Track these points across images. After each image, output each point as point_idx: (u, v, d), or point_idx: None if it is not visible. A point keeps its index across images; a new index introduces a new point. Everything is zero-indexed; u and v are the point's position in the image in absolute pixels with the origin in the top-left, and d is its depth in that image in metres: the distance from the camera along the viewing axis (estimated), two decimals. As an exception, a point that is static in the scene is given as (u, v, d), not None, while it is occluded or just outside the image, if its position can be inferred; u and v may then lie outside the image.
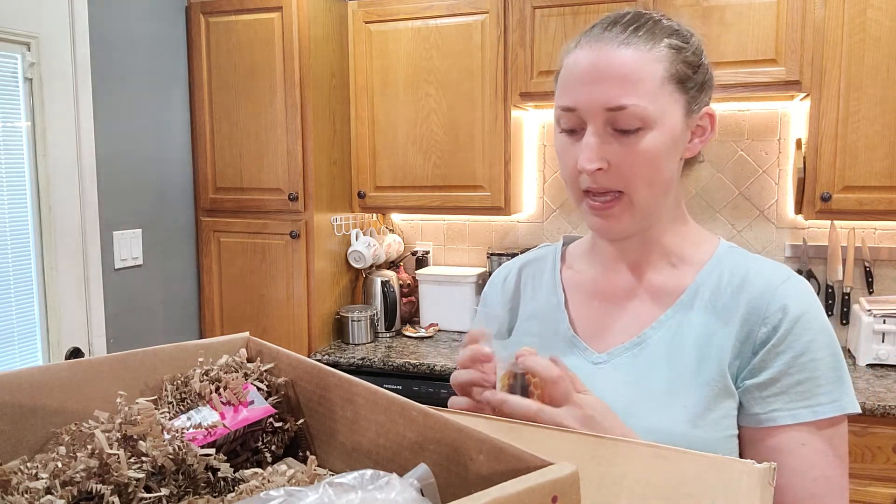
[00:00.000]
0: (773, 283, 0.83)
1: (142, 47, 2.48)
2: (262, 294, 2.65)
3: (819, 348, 0.80)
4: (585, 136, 0.81)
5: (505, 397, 0.72)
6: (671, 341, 0.86)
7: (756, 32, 2.23)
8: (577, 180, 0.84)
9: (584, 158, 0.80)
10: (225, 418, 0.64)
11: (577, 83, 0.81)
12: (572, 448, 0.58)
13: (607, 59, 0.80)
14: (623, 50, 0.80)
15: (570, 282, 0.97)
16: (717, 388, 0.82)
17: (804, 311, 0.81)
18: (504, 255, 2.73)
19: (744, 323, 0.83)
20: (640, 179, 0.81)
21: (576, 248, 1.01)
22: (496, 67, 2.51)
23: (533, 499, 0.40)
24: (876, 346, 2.26)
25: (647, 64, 0.80)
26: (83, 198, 2.25)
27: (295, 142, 2.55)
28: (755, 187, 2.61)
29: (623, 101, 0.79)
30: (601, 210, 0.83)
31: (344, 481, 0.43)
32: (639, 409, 0.83)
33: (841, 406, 0.79)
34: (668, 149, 0.82)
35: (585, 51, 0.82)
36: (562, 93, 0.84)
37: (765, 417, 0.80)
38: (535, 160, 2.84)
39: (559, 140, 0.86)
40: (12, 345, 2.09)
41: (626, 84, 0.79)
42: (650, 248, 0.91)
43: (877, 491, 2.00)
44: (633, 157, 0.80)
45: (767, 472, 0.52)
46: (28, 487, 0.51)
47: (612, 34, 0.82)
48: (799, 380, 0.80)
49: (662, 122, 0.81)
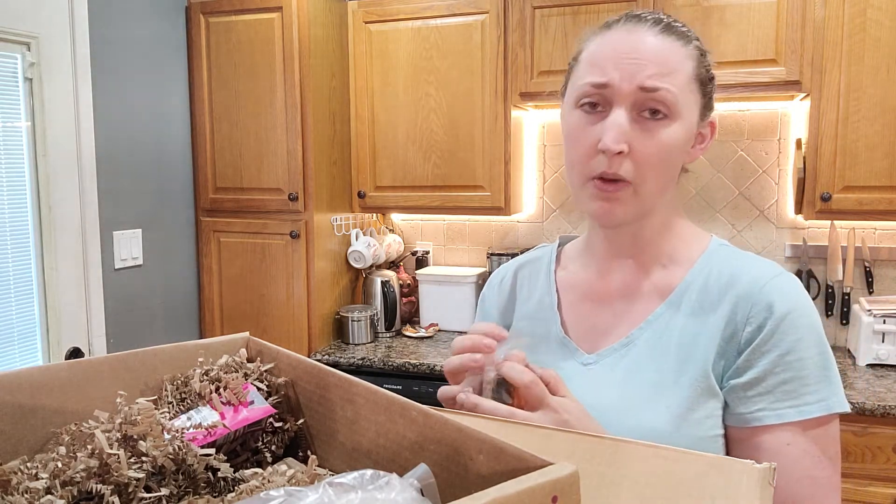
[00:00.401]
0: (759, 281, 0.83)
1: (142, 47, 2.48)
2: (262, 294, 2.65)
3: (806, 347, 0.79)
4: (612, 115, 0.80)
5: (477, 400, 0.72)
6: (657, 341, 0.86)
7: (756, 32, 2.23)
8: (588, 161, 0.82)
9: (611, 138, 0.79)
10: (225, 418, 0.64)
11: (614, 60, 0.81)
12: (572, 448, 0.58)
13: (647, 43, 0.81)
14: (662, 38, 0.81)
15: (563, 283, 0.98)
16: (700, 388, 0.81)
17: (791, 309, 0.80)
18: (504, 255, 2.73)
19: (728, 322, 0.82)
20: (651, 170, 0.81)
21: (571, 249, 1.01)
22: (496, 67, 2.51)
23: (533, 499, 0.40)
24: (876, 346, 2.26)
25: (682, 58, 0.82)
26: (83, 197, 2.25)
27: (295, 142, 2.55)
28: (755, 187, 2.61)
29: (658, 84, 0.79)
30: (608, 192, 0.82)
31: (344, 481, 0.43)
32: (625, 409, 0.83)
33: (828, 405, 0.78)
34: (682, 144, 0.83)
35: (622, 32, 0.82)
36: (591, 70, 0.82)
37: (750, 417, 0.80)
38: (535, 160, 2.84)
39: (575, 117, 0.84)
40: (12, 345, 2.09)
41: (664, 69, 0.80)
42: (643, 247, 0.90)
43: (877, 491, 2.00)
44: (652, 145, 0.80)
45: (767, 472, 0.52)
46: (28, 487, 0.51)
47: (647, 24, 0.83)
48: (784, 379, 0.79)
49: (683, 117, 0.82)
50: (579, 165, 0.84)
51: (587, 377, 0.88)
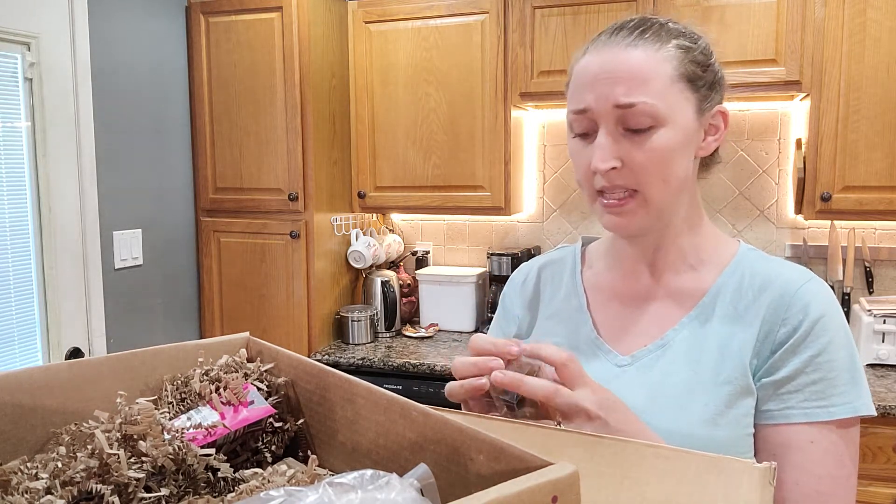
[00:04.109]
0: (793, 284, 0.84)
1: (142, 47, 2.48)
2: (262, 294, 2.65)
3: (836, 349, 0.81)
4: (598, 136, 0.82)
5: (522, 377, 0.70)
6: (693, 343, 0.86)
7: (756, 32, 2.23)
8: (591, 181, 0.84)
9: (598, 158, 0.81)
10: (225, 418, 0.64)
11: (587, 85, 0.83)
12: (572, 448, 0.58)
13: (615, 60, 0.82)
14: (631, 51, 0.82)
15: (590, 283, 0.98)
16: (739, 385, 0.83)
17: (824, 312, 0.82)
18: (504, 255, 2.73)
19: (764, 323, 0.84)
20: (653, 177, 0.82)
21: (595, 249, 1.02)
22: (496, 67, 2.51)
23: (533, 499, 0.40)
24: (876, 346, 2.26)
25: (656, 63, 0.81)
26: (83, 198, 2.25)
27: (295, 142, 2.55)
28: (755, 187, 2.61)
29: (632, 99, 0.80)
30: (615, 207, 0.84)
31: (344, 481, 0.43)
32: (659, 409, 0.83)
33: (854, 408, 0.80)
34: (681, 147, 0.83)
35: (593, 55, 0.84)
36: (573, 98, 0.85)
37: (778, 414, 0.81)
38: (535, 160, 2.84)
39: (573, 144, 0.87)
40: (12, 345, 2.09)
41: (635, 82, 0.80)
42: (667, 249, 0.91)
43: (877, 491, 2.00)
44: (645, 156, 0.81)
45: (767, 471, 0.52)
46: (28, 487, 0.51)
47: (618, 38, 0.83)
48: (815, 379, 0.80)
49: (674, 120, 0.82)
50: (585, 184, 0.86)
51: (622, 379, 0.88)
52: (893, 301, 2.34)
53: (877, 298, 2.39)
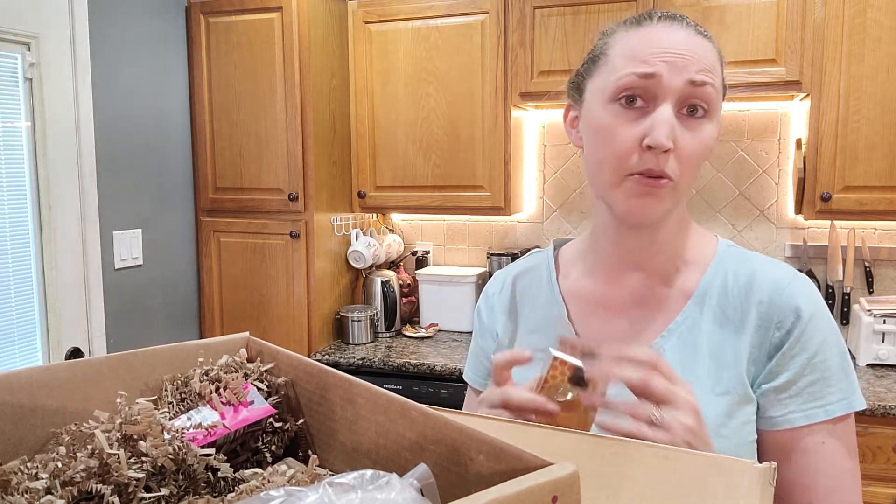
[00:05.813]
0: (780, 284, 0.83)
1: (142, 47, 2.48)
2: (262, 294, 2.65)
3: (829, 348, 0.81)
4: (659, 110, 0.77)
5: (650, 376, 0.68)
6: (684, 349, 0.84)
7: (756, 32, 2.23)
8: (626, 158, 0.79)
9: (664, 134, 0.76)
10: (225, 418, 0.64)
11: (658, 54, 0.78)
12: (572, 448, 0.58)
13: (690, 41, 0.79)
14: (700, 38, 0.81)
15: (569, 291, 0.93)
16: (738, 395, 0.81)
17: (814, 311, 0.82)
18: (504, 255, 2.73)
19: (757, 329, 0.83)
20: (691, 167, 0.80)
21: (569, 253, 0.97)
22: (496, 67, 2.51)
23: (533, 499, 0.40)
24: (876, 346, 2.26)
25: (715, 58, 0.82)
26: (83, 197, 2.25)
27: (295, 142, 2.55)
28: (755, 187, 2.61)
29: (706, 79, 0.78)
30: (651, 188, 0.78)
31: (344, 481, 0.43)
32: None
33: (850, 404, 0.81)
34: (712, 146, 0.82)
35: (661, 29, 0.80)
36: (631, 62, 0.79)
37: (781, 420, 0.81)
38: (535, 160, 2.84)
39: (611, 111, 0.80)
40: (12, 345, 2.09)
41: (705, 66, 0.79)
42: (655, 250, 0.88)
43: (877, 491, 2.00)
44: (695, 143, 0.79)
45: (767, 472, 0.52)
46: (28, 487, 0.51)
47: (681, 23, 0.81)
48: (811, 380, 0.80)
49: (716, 118, 0.82)
50: (615, 161, 0.79)
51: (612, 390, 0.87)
52: (893, 301, 2.34)
53: (877, 298, 2.39)
